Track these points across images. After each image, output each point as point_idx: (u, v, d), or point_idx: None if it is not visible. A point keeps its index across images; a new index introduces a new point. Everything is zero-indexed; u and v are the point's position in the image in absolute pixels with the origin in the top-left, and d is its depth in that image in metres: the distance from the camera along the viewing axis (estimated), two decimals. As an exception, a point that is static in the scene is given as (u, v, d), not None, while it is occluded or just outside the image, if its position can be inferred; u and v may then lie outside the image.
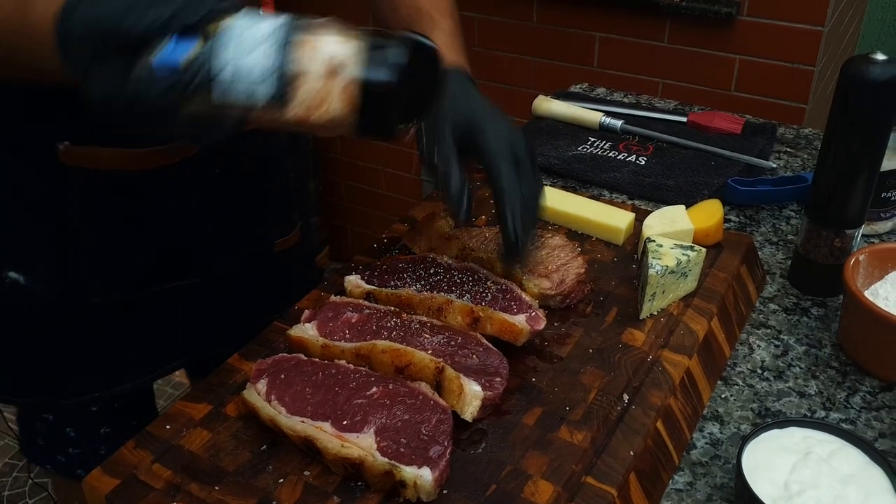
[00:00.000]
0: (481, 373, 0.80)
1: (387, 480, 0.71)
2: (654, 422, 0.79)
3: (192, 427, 0.79)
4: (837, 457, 0.75)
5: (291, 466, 0.75)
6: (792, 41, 1.93)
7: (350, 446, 0.72)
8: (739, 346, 0.96)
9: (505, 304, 0.90)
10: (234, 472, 0.74)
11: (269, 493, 0.72)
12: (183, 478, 0.74)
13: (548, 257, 0.97)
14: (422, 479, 0.69)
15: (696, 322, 0.91)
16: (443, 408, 0.75)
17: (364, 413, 0.75)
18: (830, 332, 0.98)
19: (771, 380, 0.91)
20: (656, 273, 0.88)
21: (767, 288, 1.06)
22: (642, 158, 1.33)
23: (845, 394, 0.89)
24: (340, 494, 0.72)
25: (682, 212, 1.02)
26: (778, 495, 0.72)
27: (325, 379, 0.80)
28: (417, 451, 0.71)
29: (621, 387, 0.82)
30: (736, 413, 0.87)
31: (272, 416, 0.76)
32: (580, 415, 0.79)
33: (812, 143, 1.41)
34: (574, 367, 0.85)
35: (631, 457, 0.75)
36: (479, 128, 0.86)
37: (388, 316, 0.87)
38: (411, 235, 1.05)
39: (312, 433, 0.73)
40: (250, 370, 0.84)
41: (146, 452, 0.77)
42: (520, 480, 0.73)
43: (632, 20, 2.11)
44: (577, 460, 0.74)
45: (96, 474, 0.75)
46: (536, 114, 1.49)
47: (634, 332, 0.90)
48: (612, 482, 0.72)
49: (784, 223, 1.19)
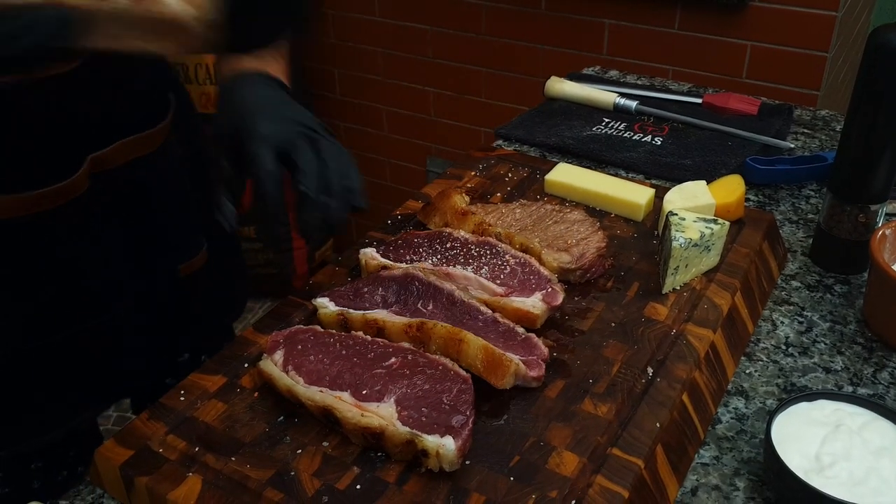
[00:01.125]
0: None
1: (408, 450, 0.69)
2: (680, 395, 0.77)
3: (206, 399, 0.77)
4: (869, 429, 0.73)
5: (309, 437, 0.73)
6: (804, 27, 1.91)
7: (370, 416, 0.70)
8: (762, 323, 0.94)
9: (523, 278, 0.88)
10: (251, 444, 0.73)
11: (287, 464, 0.70)
12: (198, 449, 0.72)
13: (567, 232, 0.95)
14: (444, 449, 0.67)
15: (719, 296, 0.89)
16: (464, 378, 0.73)
17: (384, 383, 0.73)
18: (855, 309, 0.96)
19: (796, 355, 0.89)
20: (680, 246, 0.87)
21: (789, 265, 1.04)
22: (658, 139, 1.31)
23: (872, 369, 0.87)
24: (360, 465, 0.70)
25: (703, 187, 1.00)
26: (809, 467, 0.70)
27: (342, 349, 0.78)
28: (439, 420, 0.70)
29: (645, 360, 0.80)
30: (761, 388, 0.85)
31: (289, 386, 0.74)
32: (604, 387, 0.77)
33: (829, 125, 1.39)
34: (596, 340, 0.83)
35: (657, 429, 0.73)
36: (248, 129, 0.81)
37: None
38: (426, 211, 1.03)
39: (332, 403, 0.72)
40: (265, 343, 0.82)
41: (160, 424, 0.75)
42: (544, 452, 0.71)
43: (642, 6, 2.09)
44: (602, 432, 0.72)
45: (109, 445, 0.73)
46: (549, 95, 1.47)
47: (657, 307, 0.88)
48: (639, 454, 0.70)
49: (804, 202, 1.17)
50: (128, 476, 0.71)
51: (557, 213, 0.99)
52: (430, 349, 0.79)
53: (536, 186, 1.10)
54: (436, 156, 2.70)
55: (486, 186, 1.11)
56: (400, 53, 2.56)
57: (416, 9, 2.44)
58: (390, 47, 2.57)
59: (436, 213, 1.01)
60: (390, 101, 2.68)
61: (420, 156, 2.74)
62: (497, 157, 1.18)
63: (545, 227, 0.97)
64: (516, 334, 0.80)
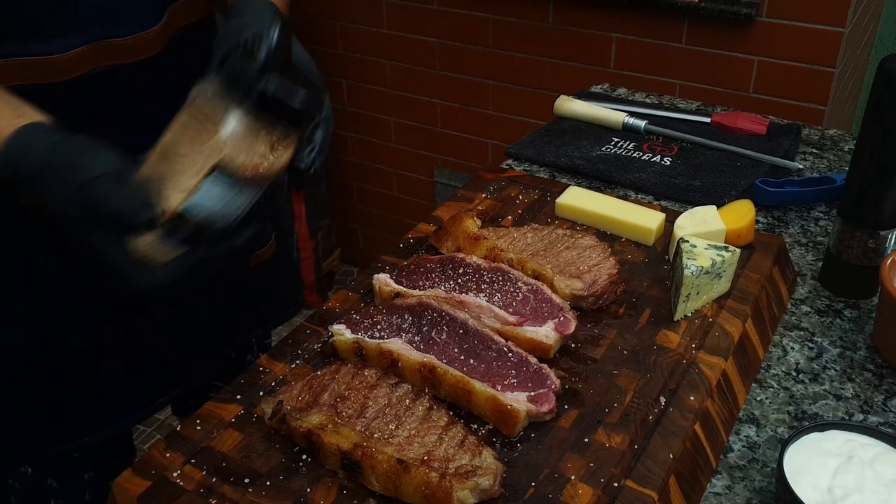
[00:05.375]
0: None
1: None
2: (692, 424, 0.78)
3: (223, 428, 0.78)
4: (881, 461, 0.74)
5: (325, 468, 0.74)
6: (812, 42, 1.91)
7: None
8: (773, 348, 0.95)
9: (536, 306, 0.89)
10: (267, 474, 0.73)
11: (303, 495, 0.71)
12: (215, 480, 0.73)
13: (579, 258, 0.96)
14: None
15: (730, 324, 0.90)
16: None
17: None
18: (865, 335, 0.96)
19: (806, 382, 0.90)
20: (692, 274, 0.87)
21: (798, 289, 1.04)
22: (667, 159, 1.32)
23: (883, 397, 0.88)
24: (377, 497, 0.71)
25: (713, 212, 1.01)
26: (822, 500, 0.71)
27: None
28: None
29: (657, 389, 0.81)
30: (772, 416, 0.86)
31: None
32: (617, 417, 0.78)
33: (838, 145, 1.40)
34: (608, 368, 0.84)
35: (670, 460, 0.73)
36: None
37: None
38: (438, 236, 1.04)
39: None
40: (280, 370, 0.83)
41: (177, 454, 0.76)
42: (558, 484, 0.71)
43: (649, 21, 2.10)
44: (616, 463, 0.73)
45: (127, 475, 0.74)
46: (558, 114, 1.47)
47: (669, 334, 0.88)
48: (653, 486, 0.71)
49: (813, 224, 1.18)
50: (146, 506, 0.72)
51: (569, 238, 1.00)
52: (440, 393, 0.80)
53: (547, 209, 1.11)
54: (442, 167, 2.71)
55: (497, 209, 1.12)
56: (408, 65, 2.58)
57: (424, 22, 2.45)
58: (398, 59, 2.58)
59: (448, 237, 1.02)
60: (398, 112, 2.69)
61: (427, 167, 2.75)
62: (507, 179, 1.19)
63: (557, 253, 0.97)
64: (529, 364, 0.81)
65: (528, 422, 0.77)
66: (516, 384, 0.79)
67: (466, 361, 0.81)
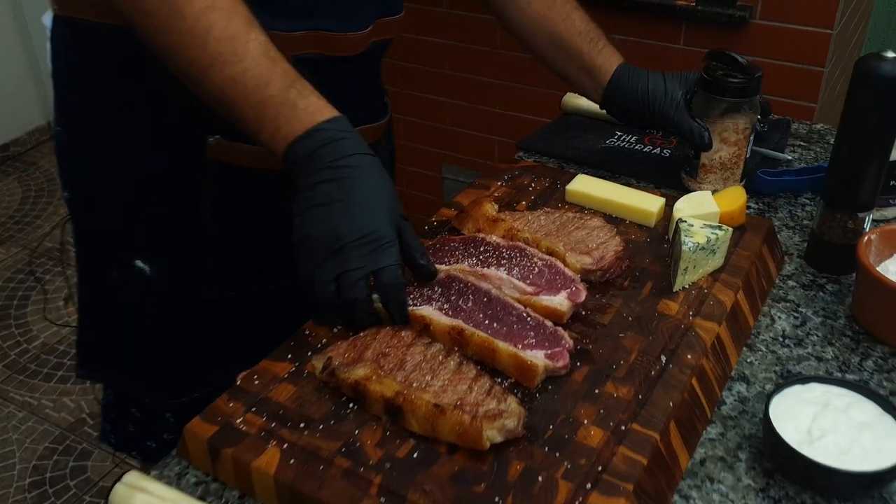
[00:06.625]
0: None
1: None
2: (690, 379, 0.88)
3: (278, 382, 0.89)
4: (853, 408, 0.85)
5: (370, 414, 0.84)
6: (803, 43, 2.02)
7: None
8: (762, 318, 1.06)
9: (550, 278, 0.99)
10: (320, 420, 0.84)
11: (352, 437, 0.82)
12: (274, 424, 0.84)
13: (588, 237, 1.07)
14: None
15: (723, 294, 1.00)
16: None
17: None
18: (844, 306, 1.08)
19: (791, 346, 1.01)
20: (689, 249, 0.98)
21: (786, 267, 1.16)
22: (666, 151, 1.43)
23: (859, 358, 0.99)
24: (416, 437, 0.82)
25: (708, 196, 1.12)
26: (801, 440, 0.81)
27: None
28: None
29: (659, 349, 0.92)
30: (761, 375, 0.97)
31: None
32: (623, 372, 0.89)
33: (824, 138, 1.51)
34: (615, 332, 0.95)
35: (670, 408, 0.84)
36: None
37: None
38: (460, 219, 1.14)
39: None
40: (323, 334, 0.94)
41: (239, 404, 0.86)
42: (573, 426, 0.82)
43: (648, 22, 2.21)
44: (623, 410, 0.84)
45: (196, 422, 0.85)
46: (565, 109, 1.59)
47: (669, 303, 0.99)
48: (655, 428, 0.82)
49: (799, 209, 1.29)
50: (214, 448, 0.82)
51: (578, 220, 1.11)
52: (467, 352, 0.90)
53: (558, 195, 1.22)
54: (451, 164, 2.81)
55: (511, 195, 1.22)
56: (416, 65, 2.68)
57: (434, 24, 2.56)
58: (406, 60, 2.68)
59: (469, 219, 1.13)
60: (406, 110, 2.80)
61: (435, 164, 2.86)
62: (521, 169, 1.30)
63: (568, 233, 1.08)
64: (545, 327, 0.92)
65: (546, 376, 0.88)
66: (535, 343, 0.89)
67: (490, 325, 0.92)
